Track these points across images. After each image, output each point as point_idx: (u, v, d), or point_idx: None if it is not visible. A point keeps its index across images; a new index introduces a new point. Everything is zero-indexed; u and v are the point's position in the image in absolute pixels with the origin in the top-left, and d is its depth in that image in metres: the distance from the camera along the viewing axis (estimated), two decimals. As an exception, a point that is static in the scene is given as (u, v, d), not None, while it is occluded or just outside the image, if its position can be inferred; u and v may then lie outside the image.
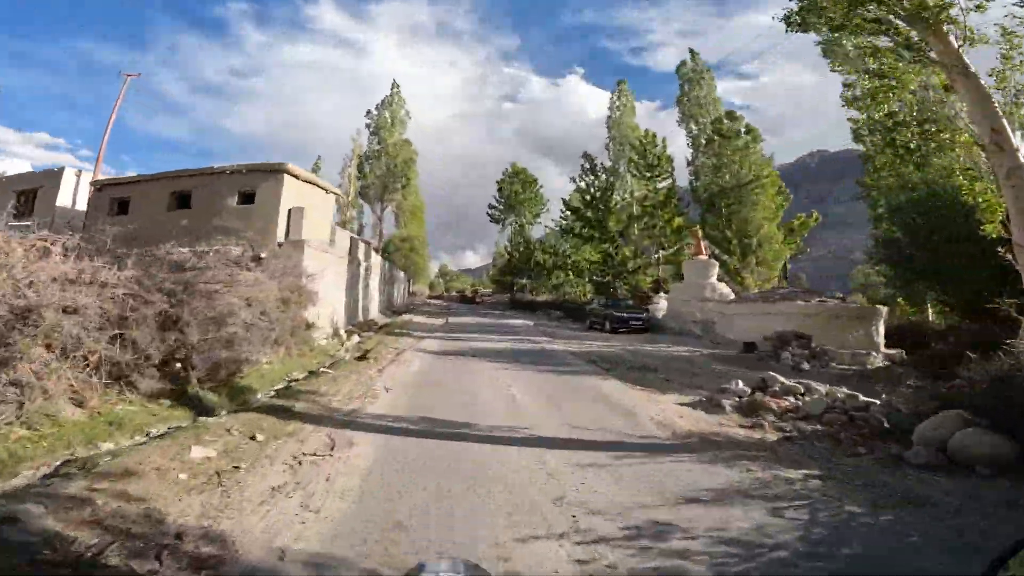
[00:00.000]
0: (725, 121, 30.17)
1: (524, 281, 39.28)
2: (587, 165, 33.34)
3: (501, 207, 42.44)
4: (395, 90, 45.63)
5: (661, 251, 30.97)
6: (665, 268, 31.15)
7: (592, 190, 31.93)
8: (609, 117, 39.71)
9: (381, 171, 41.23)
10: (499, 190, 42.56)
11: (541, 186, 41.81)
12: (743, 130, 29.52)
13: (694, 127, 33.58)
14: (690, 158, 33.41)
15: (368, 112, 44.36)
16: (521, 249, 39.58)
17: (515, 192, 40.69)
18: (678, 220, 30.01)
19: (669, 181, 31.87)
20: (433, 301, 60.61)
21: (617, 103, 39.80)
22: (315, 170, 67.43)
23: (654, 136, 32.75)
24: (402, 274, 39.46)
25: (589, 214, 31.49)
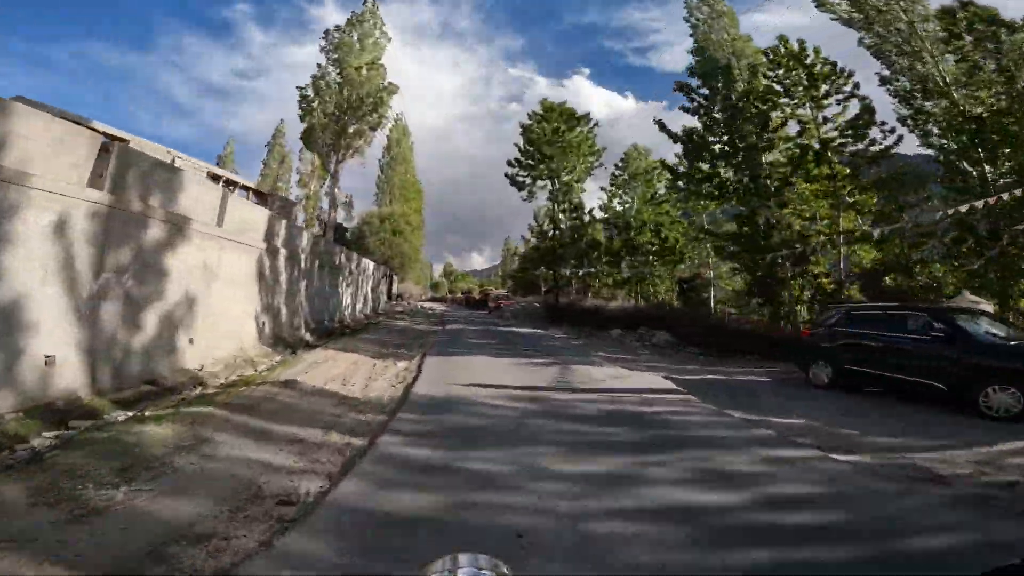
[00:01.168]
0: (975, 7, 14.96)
1: (570, 273, 23.82)
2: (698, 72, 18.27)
3: (530, 161, 27.09)
4: (369, 5, 30.53)
5: (843, 215, 15.59)
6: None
7: (725, 100, 16.69)
8: (694, 29, 24.44)
9: (335, 104, 26.19)
10: (523, 134, 27.23)
11: (595, 123, 26.36)
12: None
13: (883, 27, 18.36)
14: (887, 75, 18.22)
15: (326, 33, 29.22)
16: (566, 225, 24.33)
17: (552, 133, 25.33)
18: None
19: (852, 105, 16.46)
20: (429, 305, 45.55)
21: (702, 14, 24.51)
22: (276, 136, 52.77)
23: (802, 44, 17.30)
24: (371, 265, 24.44)
25: (719, 145, 16.20)
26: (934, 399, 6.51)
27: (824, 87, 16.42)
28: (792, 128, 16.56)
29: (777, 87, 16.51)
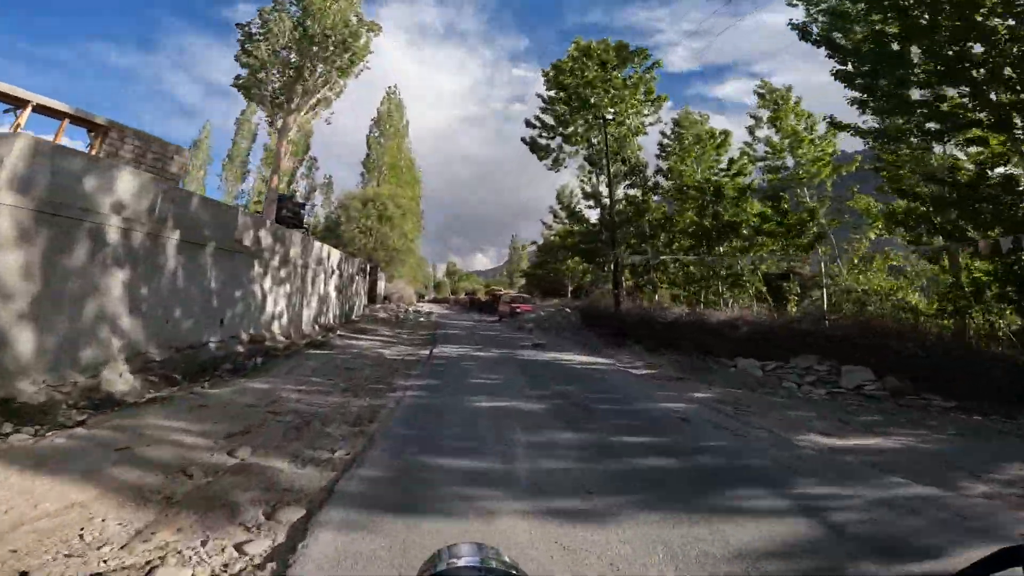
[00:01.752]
0: None
1: (615, 266, 16.26)
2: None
3: (561, 116, 19.75)
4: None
5: None
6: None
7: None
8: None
9: (288, 41, 18.98)
10: (551, 81, 19.92)
11: (654, 62, 18.87)
12: None
13: None
14: None
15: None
16: (610, 198, 16.93)
17: (599, 71, 17.90)
18: None
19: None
20: (427, 308, 38.31)
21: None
22: (246, 111, 45.58)
23: None
24: (335, 256, 17.21)
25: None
26: None
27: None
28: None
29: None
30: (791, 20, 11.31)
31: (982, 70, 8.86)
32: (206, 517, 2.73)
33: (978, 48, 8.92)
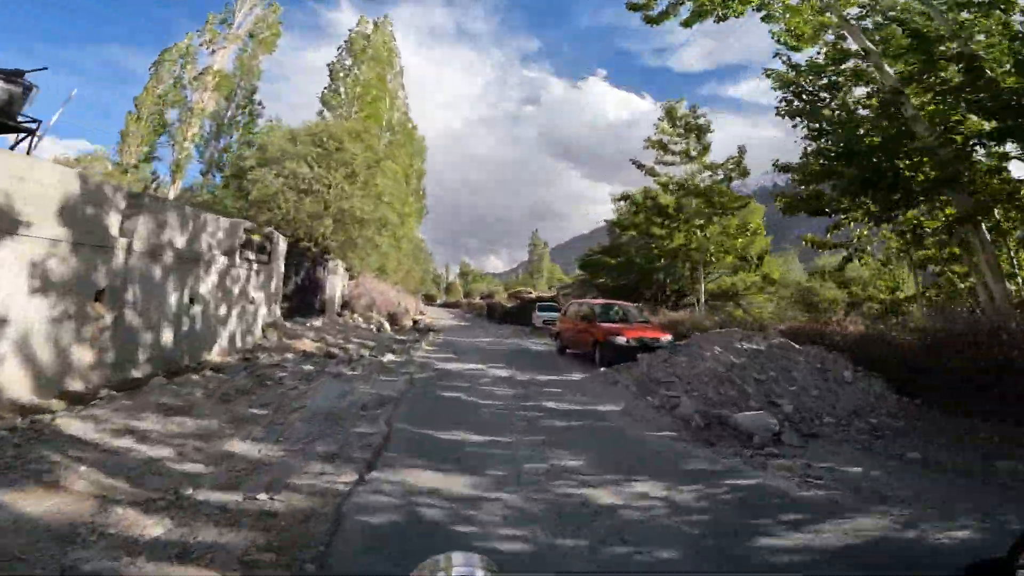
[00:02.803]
0: None
1: None
2: None
3: None
4: None
5: None
6: None
7: None
8: None
9: None
10: None
11: None
12: None
13: None
14: None
15: None
16: None
17: None
18: None
19: None
20: (431, 313, 26.51)
21: None
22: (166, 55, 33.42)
23: None
24: (40, 179, 4.94)
25: None
26: None
27: None
28: None
29: None
30: None
31: None
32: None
33: None
